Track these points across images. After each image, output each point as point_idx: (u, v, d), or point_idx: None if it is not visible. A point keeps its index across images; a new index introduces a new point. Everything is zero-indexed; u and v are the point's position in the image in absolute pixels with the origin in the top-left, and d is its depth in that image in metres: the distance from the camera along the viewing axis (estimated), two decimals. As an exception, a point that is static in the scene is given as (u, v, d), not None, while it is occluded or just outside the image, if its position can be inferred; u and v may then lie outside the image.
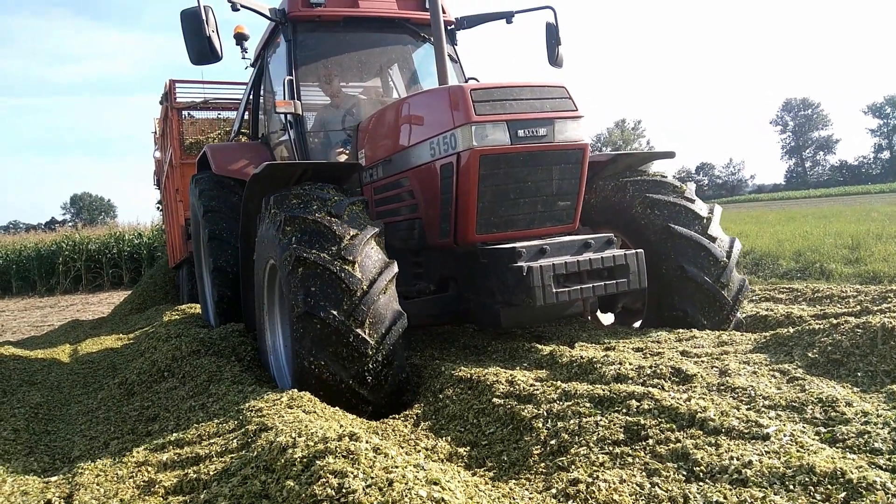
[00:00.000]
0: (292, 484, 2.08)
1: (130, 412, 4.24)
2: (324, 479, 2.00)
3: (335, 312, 3.55)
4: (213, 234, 6.56)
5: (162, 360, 5.02)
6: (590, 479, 2.20)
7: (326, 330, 3.54)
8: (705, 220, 4.98)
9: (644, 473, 2.23)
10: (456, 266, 4.89)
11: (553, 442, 2.53)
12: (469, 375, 3.65)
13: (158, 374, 4.92)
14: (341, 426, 2.87)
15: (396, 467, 2.10)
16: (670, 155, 5.85)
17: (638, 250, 4.43)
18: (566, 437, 2.52)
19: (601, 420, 2.57)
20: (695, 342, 4.22)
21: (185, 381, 4.59)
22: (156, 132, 15.29)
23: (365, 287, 3.66)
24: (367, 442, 2.31)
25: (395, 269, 3.88)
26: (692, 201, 5.13)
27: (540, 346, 4.31)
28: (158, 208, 20.70)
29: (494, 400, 3.18)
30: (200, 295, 8.29)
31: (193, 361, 4.79)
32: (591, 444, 2.43)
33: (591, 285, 4.17)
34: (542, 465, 2.41)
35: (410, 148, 4.90)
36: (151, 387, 4.85)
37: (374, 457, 2.19)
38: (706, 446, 2.31)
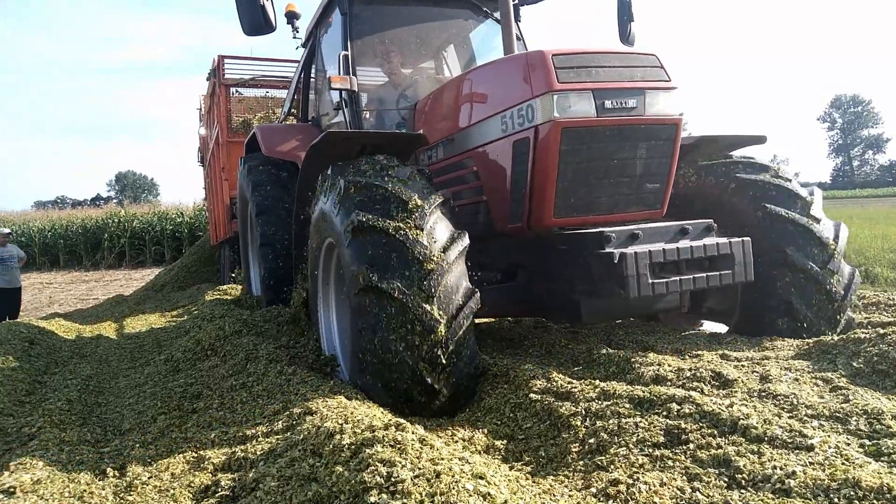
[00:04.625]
0: (341, 469, 2.14)
1: (176, 388, 4.38)
2: (373, 468, 2.05)
3: (401, 284, 3.33)
4: (261, 209, 6.64)
5: (206, 339, 5.17)
6: (630, 481, 2.21)
7: (391, 304, 3.32)
8: (807, 201, 4.54)
9: (685, 478, 2.24)
10: (525, 253, 4.59)
11: (592, 441, 2.55)
12: (506, 370, 3.68)
13: (202, 353, 5.07)
14: (384, 412, 2.93)
15: (442, 459, 2.15)
16: (761, 140, 5.27)
17: (744, 238, 4.05)
18: (605, 436, 2.54)
19: (641, 422, 2.58)
20: (734, 345, 4.17)
21: (225, 359, 4.71)
22: (201, 108, 15.54)
23: (435, 256, 3.43)
24: (412, 433, 2.36)
25: (466, 240, 3.64)
26: (788, 181, 4.72)
27: (576, 344, 4.30)
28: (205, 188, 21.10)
29: (531, 395, 3.20)
30: (244, 271, 8.47)
31: (235, 341, 4.91)
32: (631, 446, 2.44)
33: (690, 277, 3.82)
34: (581, 462, 2.44)
35: (476, 125, 4.71)
36: (195, 364, 5.00)
37: (421, 447, 2.24)
38: (748, 454, 2.30)
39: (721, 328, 4.81)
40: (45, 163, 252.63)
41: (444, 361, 3.38)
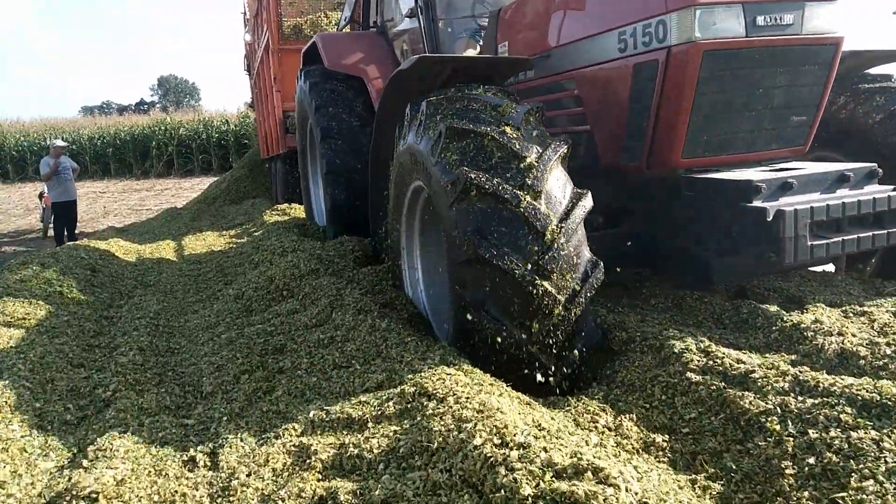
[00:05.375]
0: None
1: (254, 336, 3.98)
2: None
3: (517, 259, 2.85)
4: (326, 133, 6.07)
5: (280, 278, 4.73)
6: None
7: (503, 280, 2.86)
8: None
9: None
10: (637, 196, 3.99)
11: (811, 460, 1.99)
12: (643, 335, 3.12)
13: (277, 293, 4.65)
14: (531, 408, 2.43)
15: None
16: None
17: None
18: (831, 456, 1.98)
19: (883, 440, 1.99)
20: None
21: (304, 304, 4.27)
22: (246, 13, 14.69)
23: (555, 227, 2.92)
24: (615, 467, 1.84)
25: (589, 201, 3.10)
26: None
27: (710, 295, 3.69)
28: (248, 105, 20.47)
29: (690, 375, 2.64)
30: (305, 194, 7.99)
31: (312, 282, 4.46)
32: (881, 477, 1.88)
33: (854, 237, 3.23)
34: (807, 493, 1.90)
35: (581, 41, 4.00)
36: (270, 306, 4.59)
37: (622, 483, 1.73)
38: None
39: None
40: (88, 68, 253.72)
41: (560, 343, 2.94)
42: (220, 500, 2.21)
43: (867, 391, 2.20)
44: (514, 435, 2.00)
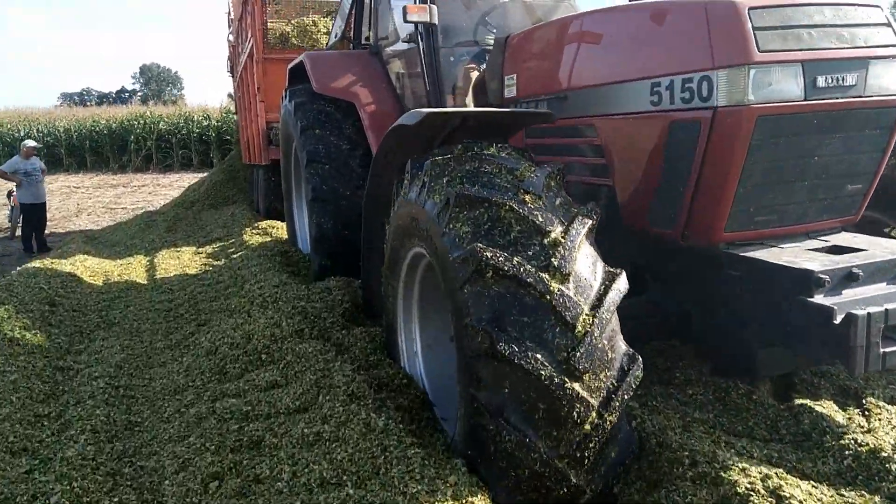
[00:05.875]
0: None
1: (227, 418, 3.45)
2: None
3: (543, 357, 2.40)
4: (312, 157, 5.57)
5: (259, 338, 4.19)
6: None
7: (527, 382, 2.40)
8: None
9: None
10: (664, 260, 3.51)
11: None
12: (690, 454, 2.63)
13: (255, 356, 4.11)
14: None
15: None
16: None
17: None
18: None
19: None
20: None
21: (287, 375, 3.74)
22: (230, 13, 14.05)
23: (587, 316, 2.48)
24: None
25: (624, 283, 2.65)
26: None
27: (758, 389, 3.23)
28: (230, 96, 19.81)
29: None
30: (288, 216, 7.45)
31: (296, 347, 3.93)
32: None
33: None
34: None
35: (607, 87, 3.53)
36: (248, 370, 4.05)
37: None
38: None
39: None
40: (70, 54, 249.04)
41: (594, 456, 2.48)
42: None
43: None
44: None
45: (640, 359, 2.59)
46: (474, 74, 4.98)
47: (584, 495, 2.52)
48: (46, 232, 11.45)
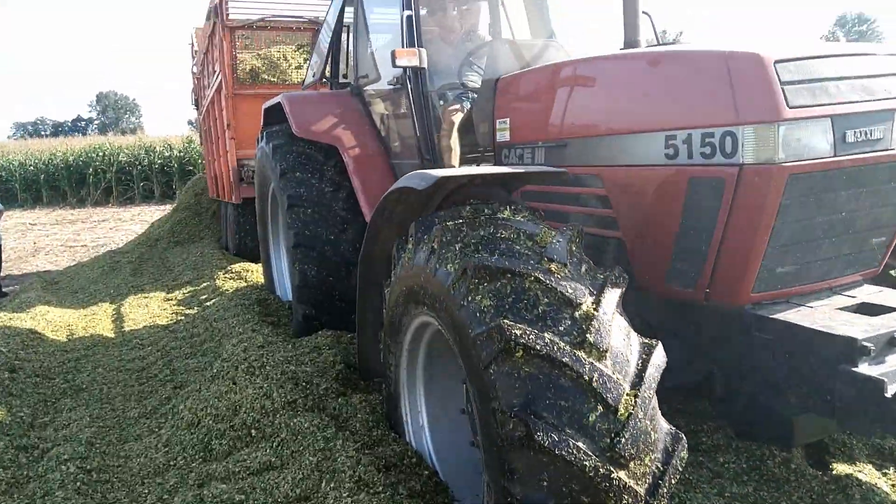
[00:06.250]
0: None
1: (217, 511, 3.11)
2: None
3: (584, 446, 2.17)
4: (294, 202, 5.29)
5: (247, 411, 3.85)
6: None
7: (568, 474, 2.16)
8: None
9: None
10: (679, 320, 3.31)
11: None
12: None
13: (244, 431, 3.76)
14: None
15: None
16: None
17: None
18: None
19: None
20: None
21: (282, 456, 3.41)
22: (193, 44, 13.70)
23: (628, 397, 2.27)
24: None
25: (662, 356, 2.44)
26: None
27: (799, 459, 3.01)
28: (191, 123, 19.39)
29: None
30: (265, 265, 7.10)
31: (289, 421, 3.60)
32: None
33: None
34: None
35: (615, 137, 3.35)
36: (236, 448, 3.71)
37: None
38: None
39: None
40: (24, 83, 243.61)
41: None
42: None
43: None
44: None
45: (684, 437, 2.37)
46: (458, 116, 4.77)
47: None
48: (2, 274, 10.86)
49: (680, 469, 2.30)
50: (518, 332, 2.28)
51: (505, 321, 2.32)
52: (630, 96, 3.37)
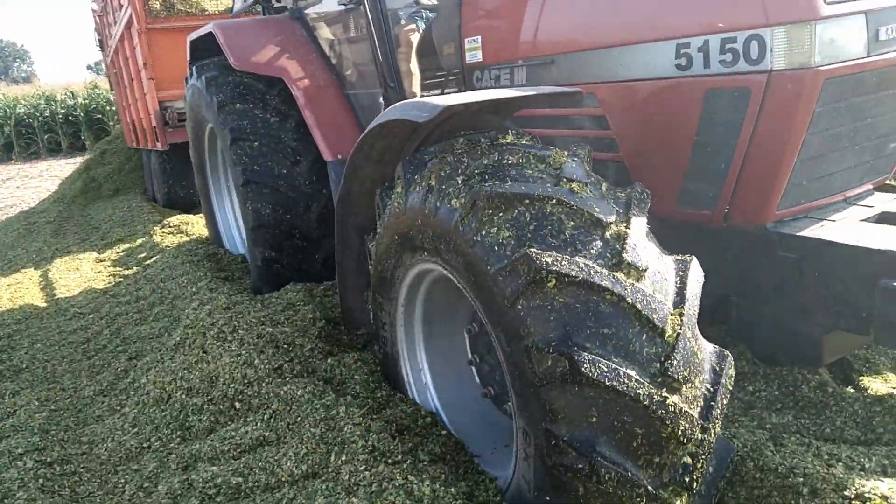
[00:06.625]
0: None
1: (213, 497, 2.78)
2: None
3: (634, 373, 2.00)
4: (238, 135, 4.79)
5: (226, 382, 3.46)
6: None
7: (619, 406, 2.00)
8: None
9: None
10: (687, 242, 2.93)
11: None
12: (805, 474, 2.26)
13: (226, 405, 3.39)
14: None
15: None
16: None
17: None
18: None
19: None
20: None
21: (276, 430, 3.06)
22: (90, -25, 12.33)
23: (674, 317, 2.09)
24: None
25: (699, 270, 2.27)
26: None
27: (832, 377, 2.90)
28: (91, 68, 17.78)
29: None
30: (208, 217, 6.51)
31: (279, 390, 3.24)
32: None
33: None
34: None
35: (613, 49, 3.03)
36: (219, 422, 3.35)
37: None
38: None
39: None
40: None
41: (699, 476, 2.11)
42: None
43: None
44: None
45: (730, 355, 2.22)
46: (415, 37, 4.33)
47: None
48: None
49: (730, 388, 2.16)
50: (549, 260, 2.07)
51: (531, 250, 2.10)
52: (632, 1, 3.04)
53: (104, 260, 7.78)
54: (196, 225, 7.75)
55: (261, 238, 4.84)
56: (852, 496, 2.14)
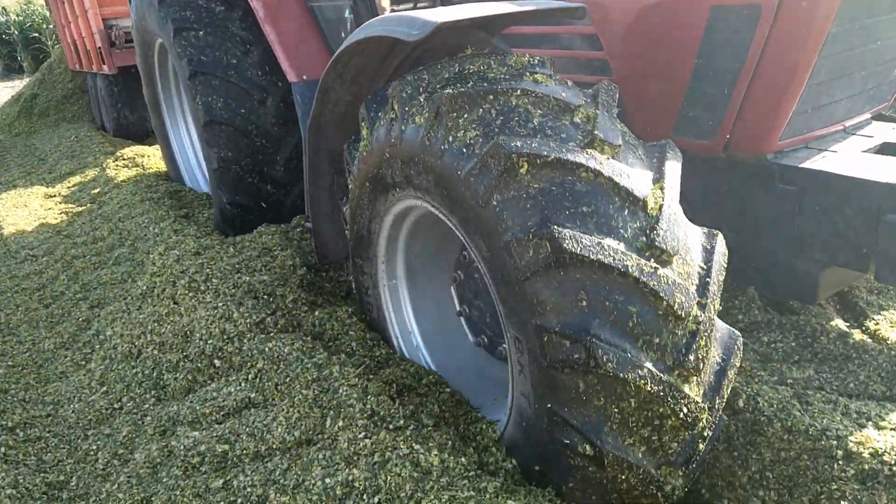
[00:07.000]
0: None
1: (197, 467, 2.57)
2: None
3: (652, 366, 1.84)
4: (198, 68, 4.36)
5: (203, 338, 3.19)
6: None
7: (630, 396, 1.86)
8: None
9: None
10: (686, 171, 2.99)
11: None
12: (838, 441, 2.15)
13: (204, 363, 3.13)
14: None
15: None
16: None
17: None
18: None
19: None
20: None
21: (263, 391, 2.83)
22: None
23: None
24: None
25: (724, 250, 2.08)
26: None
27: (837, 323, 2.78)
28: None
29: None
30: (165, 150, 6.05)
31: (262, 346, 2.99)
32: None
33: None
34: None
35: None
36: (198, 384, 3.09)
37: None
38: None
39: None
40: None
41: (695, 456, 2.01)
42: None
43: None
44: None
45: (741, 336, 2.09)
46: None
47: (673, 498, 2.06)
48: None
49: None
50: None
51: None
52: None
53: (54, 195, 7.25)
54: (153, 157, 7.24)
55: (225, 182, 4.49)
56: (892, 462, 2.03)
